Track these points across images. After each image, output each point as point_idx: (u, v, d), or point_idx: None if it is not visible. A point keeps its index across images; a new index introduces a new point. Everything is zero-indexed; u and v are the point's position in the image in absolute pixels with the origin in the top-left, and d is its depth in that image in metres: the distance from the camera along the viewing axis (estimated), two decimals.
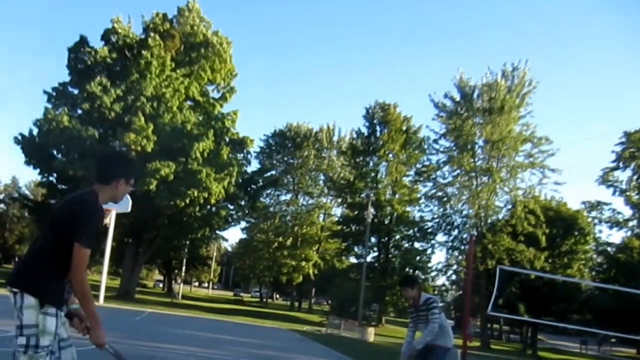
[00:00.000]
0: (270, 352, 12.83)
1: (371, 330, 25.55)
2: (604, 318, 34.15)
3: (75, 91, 32.23)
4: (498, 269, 14.43)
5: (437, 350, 6.08)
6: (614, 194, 37.49)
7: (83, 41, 31.96)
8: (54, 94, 31.94)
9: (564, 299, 33.69)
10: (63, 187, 32.93)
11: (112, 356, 3.19)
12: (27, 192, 69.31)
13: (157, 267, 72.08)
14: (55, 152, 31.83)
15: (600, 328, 35.20)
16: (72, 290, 3.02)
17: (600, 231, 38.42)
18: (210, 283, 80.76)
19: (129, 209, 24.80)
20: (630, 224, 37.77)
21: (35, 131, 31.12)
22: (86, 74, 30.77)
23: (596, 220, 38.17)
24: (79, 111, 31.51)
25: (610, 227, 38.23)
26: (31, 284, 2.88)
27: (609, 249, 39.16)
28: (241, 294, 77.75)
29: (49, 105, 31.32)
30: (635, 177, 37.13)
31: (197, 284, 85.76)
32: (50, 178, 33.61)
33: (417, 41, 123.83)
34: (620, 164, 37.52)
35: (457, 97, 34.62)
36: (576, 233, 35.54)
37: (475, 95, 34.37)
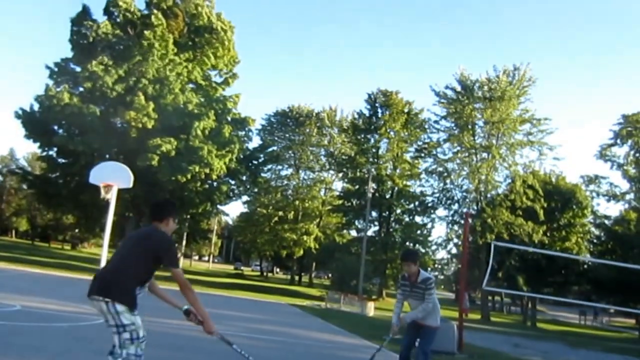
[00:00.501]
0: (270, 326, 12.99)
1: (371, 305, 25.93)
2: (603, 289, 34.85)
3: (77, 69, 32.35)
4: (493, 246, 14.71)
5: (429, 330, 6.33)
6: (611, 168, 38.27)
7: (86, 12, 31.93)
8: (56, 69, 32.06)
9: (563, 270, 34.30)
10: (63, 161, 33.40)
11: (220, 341, 4.43)
12: (24, 164, 68.41)
13: None
14: (56, 128, 31.99)
15: (598, 298, 36.02)
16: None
17: (598, 204, 39.49)
18: (211, 257, 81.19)
19: (131, 185, 25.18)
20: (627, 197, 38.66)
21: (35, 106, 31.26)
22: (88, 51, 30.78)
23: (594, 194, 39.08)
24: (80, 89, 31.60)
25: (608, 201, 39.30)
26: (121, 296, 3.92)
27: (606, 221, 39.87)
28: (242, 268, 78.13)
29: (51, 81, 31.49)
30: (632, 152, 37.74)
31: (197, 257, 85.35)
32: (50, 152, 33.83)
33: (419, 25, 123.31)
34: (618, 141, 38.25)
35: (459, 88, 35.52)
36: (574, 206, 36.14)
37: (476, 87, 35.23)
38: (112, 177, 24.48)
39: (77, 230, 67.88)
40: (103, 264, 24.26)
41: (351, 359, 9.71)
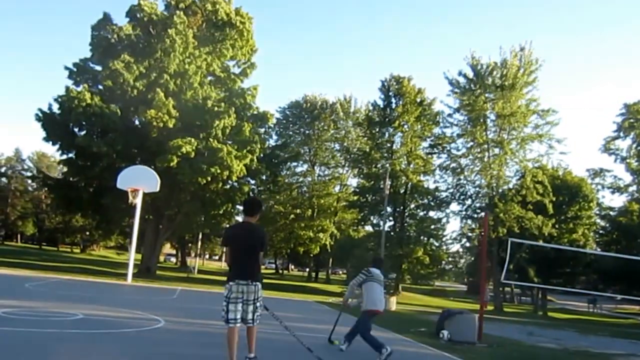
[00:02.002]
0: (308, 324, 12.97)
1: (393, 299, 26.20)
2: (609, 278, 36.01)
3: (97, 67, 31.92)
4: (509, 242, 15.73)
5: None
6: (615, 161, 39.46)
7: (107, 18, 31.74)
8: (75, 70, 31.53)
9: (571, 261, 35.48)
10: (85, 163, 31.99)
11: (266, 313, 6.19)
12: (30, 164, 67.35)
13: (169, 241, 69.72)
14: (77, 130, 31.47)
15: (605, 287, 37.15)
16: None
17: (603, 197, 40.73)
18: (223, 255, 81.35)
19: (157, 188, 25.16)
20: (631, 189, 39.87)
21: (54, 107, 30.69)
22: (109, 51, 30.44)
23: (599, 187, 40.31)
24: (100, 87, 31.20)
25: (612, 193, 40.56)
26: (259, 279, 5.99)
27: (611, 213, 41.03)
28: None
29: (70, 82, 31.07)
30: (634, 145, 38.99)
31: (207, 256, 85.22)
32: (70, 155, 32.69)
33: (432, 14, 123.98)
34: (621, 134, 39.40)
35: (471, 75, 36.19)
36: (580, 200, 37.30)
37: (487, 73, 35.87)
38: (139, 182, 25.20)
39: (87, 233, 67.35)
40: (131, 267, 24.69)
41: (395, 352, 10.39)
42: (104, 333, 8.26)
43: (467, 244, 40.78)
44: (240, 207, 43.14)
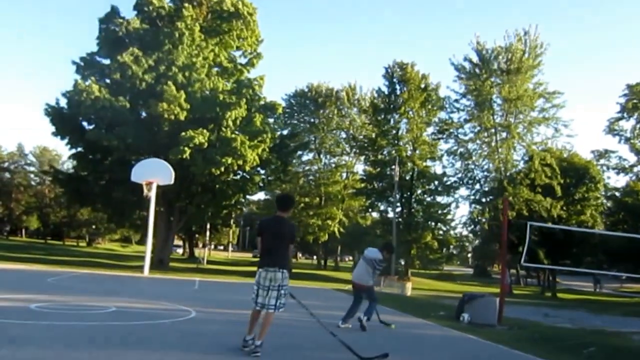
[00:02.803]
0: (333, 312, 12.53)
1: (409, 285, 26.34)
2: (615, 258, 36.36)
3: (104, 61, 31.89)
4: (528, 225, 15.94)
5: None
6: (619, 142, 39.60)
7: (114, 12, 31.69)
8: (82, 64, 31.46)
9: (579, 242, 35.79)
10: (95, 157, 32.62)
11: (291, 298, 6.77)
12: (33, 158, 68.18)
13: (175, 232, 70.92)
14: (86, 124, 31.61)
15: (610, 267, 37.49)
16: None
17: (608, 177, 40.86)
18: (230, 245, 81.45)
19: (172, 181, 25.47)
20: (635, 169, 40.08)
21: (62, 102, 30.75)
22: (117, 45, 30.37)
23: (604, 168, 40.44)
24: (107, 81, 31.10)
25: (617, 173, 40.73)
26: (288, 267, 6.49)
27: (617, 193, 41.28)
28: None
29: (78, 76, 30.99)
30: (638, 126, 39.03)
31: (213, 246, 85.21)
32: (79, 149, 32.99)
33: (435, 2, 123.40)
34: (625, 115, 39.46)
35: (476, 60, 36.31)
36: (587, 181, 37.56)
37: (492, 58, 35.97)
38: (153, 174, 25.43)
39: (93, 227, 68.23)
40: (147, 260, 24.92)
41: (421, 336, 10.51)
42: (143, 324, 8.45)
43: (476, 228, 40.94)
44: (251, 197, 43.87)
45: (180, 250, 68.43)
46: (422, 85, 39.92)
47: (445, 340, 9.42)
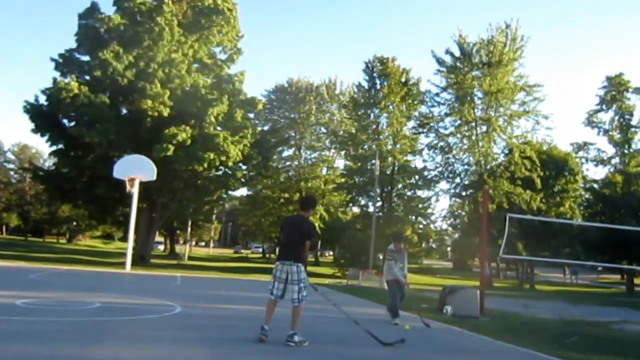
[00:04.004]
0: (316, 305, 13.05)
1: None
2: (593, 249, 37.08)
3: (84, 58, 31.72)
4: (507, 217, 16.20)
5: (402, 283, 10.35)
6: (598, 134, 40.32)
7: (94, 7, 31.44)
8: (61, 61, 31.31)
9: (558, 234, 36.41)
10: (77, 154, 32.50)
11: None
12: (11, 156, 68.49)
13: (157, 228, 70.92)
14: (66, 121, 31.52)
15: (588, 258, 38.30)
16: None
17: (587, 169, 41.67)
18: (211, 241, 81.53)
19: (154, 177, 25.51)
20: (613, 161, 40.75)
21: (42, 99, 30.66)
22: (97, 41, 30.21)
23: (583, 160, 41.13)
24: (87, 78, 31.04)
25: (596, 165, 41.51)
26: (301, 260, 6.79)
27: (595, 185, 42.03)
28: (242, 251, 78.72)
29: (57, 73, 30.88)
30: (616, 118, 39.79)
31: (194, 243, 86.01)
32: (60, 146, 32.89)
33: None
34: (603, 107, 40.20)
35: (457, 53, 36.63)
36: (566, 173, 38.22)
37: (474, 51, 36.34)
38: (136, 171, 25.35)
39: (74, 223, 67.97)
40: (129, 256, 24.88)
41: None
42: (131, 320, 8.48)
43: (456, 222, 41.39)
44: (233, 193, 44.03)
45: (161, 247, 68.36)
46: (403, 80, 40.03)
47: (430, 332, 9.54)
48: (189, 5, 33.97)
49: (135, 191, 25.17)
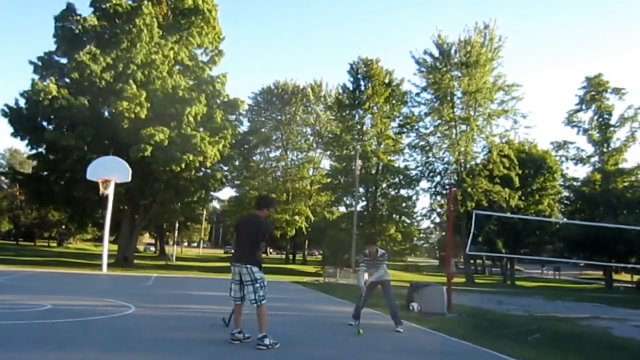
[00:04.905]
0: (283, 303, 13.06)
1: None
2: (574, 245, 37.41)
3: (62, 60, 31.41)
4: (474, 215, 16.34)
5: (388, 283, 9.65)
6: (577, 133, 40.83)
7: (70, 9, 31.14)
8: (40, 64, 30.96)
9: (537, 231, 36.70)
10: (54, 157, 32.15)
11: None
12: (1, 161, 68.52)
13: (148, 231, 69.48)
14: (45, 124, 31.24)
15: (569, 255, 38.71)
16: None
17: (567, 168, 42.01)
18: (202, 242, 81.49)
19: (129, 178, 25.24)
20: (593, 159, 41.19)
21: (21, 102, 30.34)
22: (74, 43, 29.89)
23: (563, 158, 41.58)
24: (67, 80, 30.77)
25: (576, 164, 41.97)
26: (254, 263, 6.60)
27: (575, 183, 42.47)
28: (232, 251, 78.35)
29: (36, 76, 30.53)
30: (596, 117, 40.30)
31: (185, 243, 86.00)
32: (40, 149, 32.61)
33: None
34: (583, 106, 40.77)
35: (436, 54, 36.84)
36: (545, 172, 38.57)
37: (452, 51, 36.62)
38: (110, 172, 25.13)
39: (64, 227, 66.93)
40: (105, 257, 24.67)
41: (365, 326, 9.81)
42: (73, 322, 8.22)
43: (437, 220, 41.72)
44: (214, 194, 44.19)
45: (153, 248, 69.01)
46: (387, 81, 40.42)
47: (388, 330, 9.48)
48: (169, 7, 33.84)
49: (110, 193, 24.87)
